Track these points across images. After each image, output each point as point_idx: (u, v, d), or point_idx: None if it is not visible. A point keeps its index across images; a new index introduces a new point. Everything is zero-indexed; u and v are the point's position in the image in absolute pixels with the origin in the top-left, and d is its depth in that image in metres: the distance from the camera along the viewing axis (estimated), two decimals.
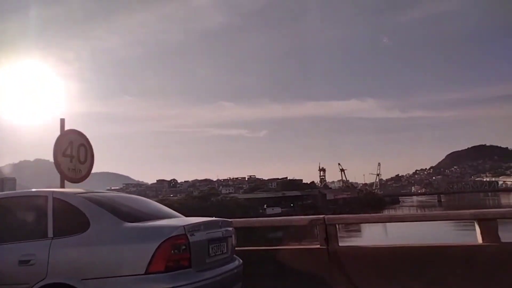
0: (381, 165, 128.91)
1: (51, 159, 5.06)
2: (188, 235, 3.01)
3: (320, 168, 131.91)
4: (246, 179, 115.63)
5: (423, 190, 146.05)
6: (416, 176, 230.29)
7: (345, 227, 21.01)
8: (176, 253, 2.91)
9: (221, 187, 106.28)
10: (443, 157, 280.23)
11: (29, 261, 3.02)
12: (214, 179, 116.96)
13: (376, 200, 76.92)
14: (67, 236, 3.08)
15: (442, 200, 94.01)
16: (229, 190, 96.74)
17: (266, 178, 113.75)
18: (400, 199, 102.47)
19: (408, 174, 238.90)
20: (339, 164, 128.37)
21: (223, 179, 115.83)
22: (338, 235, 4.45)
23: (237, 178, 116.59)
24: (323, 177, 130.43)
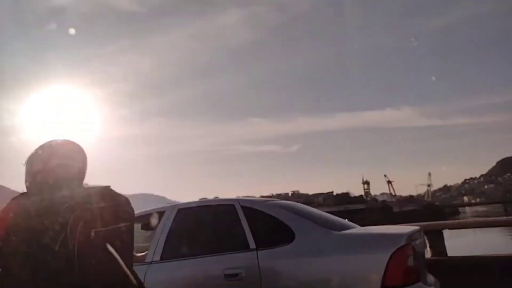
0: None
1: (90, 182, 5.14)
2: (413, 244, 2.74)
3: (364, 181, 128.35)
4: (290, 194, 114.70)
5: (478, 200, 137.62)
6: (466, 185, 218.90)
7: None
8: (409, 264, 2.64)
9: None
10: (494, 164, 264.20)
11: (236, 274, 2.85)
12: (257, 195, 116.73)
13: (437, 211, 73.40)
14: (272, 248, 2.91)
15: (509, 209, 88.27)
16: None
17: (311, 193, 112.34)
18: (459, 210, 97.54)
19: (457, 184, 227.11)
20: (385, 175, 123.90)
21: (266, 195, 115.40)
22: None
23: (280, 194, 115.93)
24: (368, 190, 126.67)
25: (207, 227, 3.40)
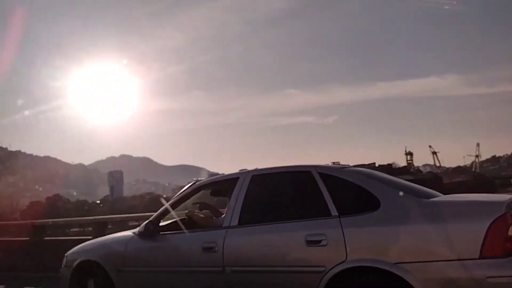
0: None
1: (134, 154, 5.19)
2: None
3: (407, 151, 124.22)
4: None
5: None
6: None
7: None
8: (510, 234, 2.49)
9: None
10: None
11: (319, 241, 2.82)
12: None
13: (487, 182, 70.17)
14: (356, 215, 2.84)
15: None
16: None
17: (351, 165, 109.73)
18: None
19: (506, 154, 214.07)
20: (430, 146, 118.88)
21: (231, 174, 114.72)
22: None
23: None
24: (411, 161, 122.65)
25: (284, 193, 3.39)
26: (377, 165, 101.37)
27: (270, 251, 3.04)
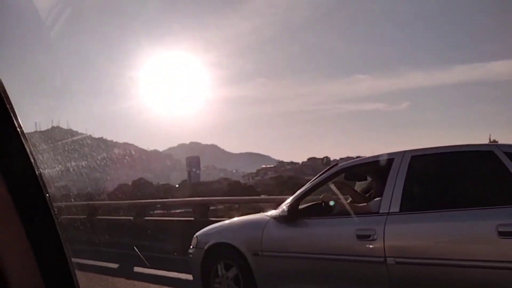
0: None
1: (203, 141, 4.80)
2: None
3: (491, 140, 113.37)
4: None
5: None
6: None
7: None
8: None
9: None
10: None
11: None
12: (366, 155, 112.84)
13: None
14: None
15: None
16: None
17: None
18: None
19: None
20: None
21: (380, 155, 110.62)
22: None
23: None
24: None
25: (458, 177, 3.00)
26: None
27: (448, 242, 2.70)
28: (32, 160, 0.70)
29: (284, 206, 3.57)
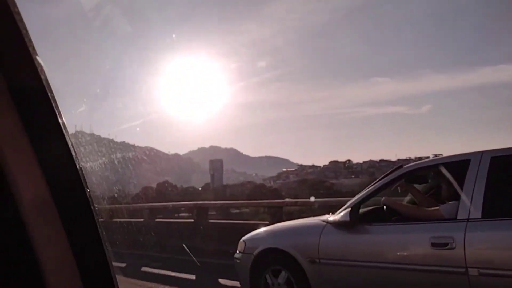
0: None
1: (222, 145, 4.60)
2: None
3: None
4: (431, 158, 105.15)
5: None
6: None
7: None
8: None
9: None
10: None
11: None
12: (393, 159, 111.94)
13: None
14: None
15: None
16: None
17: None
18: None
19: None
20: None
21: (403, 159, 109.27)
22: None
23: (421, 157, 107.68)
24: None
25: None
26: None
27: None
28: (74, 154, 0.66)
29: (342, 211, 3.36)
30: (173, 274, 6.30)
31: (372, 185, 3.44)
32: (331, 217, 3.49)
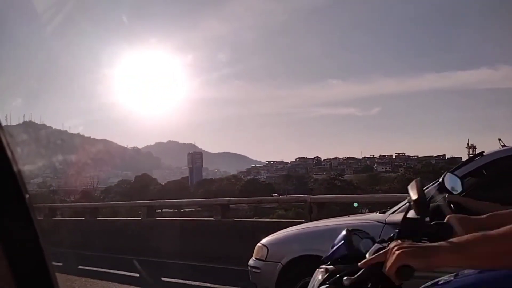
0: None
1: (181, 140, 4.24)
2: None
3: (469, 145, 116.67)
4: (394, 157, 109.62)
5: None
6: None
7: None
8: None
9: (376, 165, 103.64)
10: None
11: None
12: (359, 157, 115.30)
13: None
14: None
15: None
16: (386, 168, 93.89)
17: (421, 155, 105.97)
18: None
19: None
20: (499, 139, 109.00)
21: (368, 157, 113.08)
22: None
23: (385, 155, 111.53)
24: (472, 155, 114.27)
25: None
26: (447, 157, 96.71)
27: None
28: (10, 155, 0.59)
29: (399, 209, 2.81)
30: (112, 271, 6.29)
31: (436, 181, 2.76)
32: (389, 216, 2.87)
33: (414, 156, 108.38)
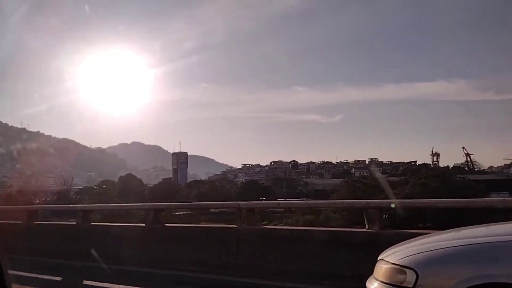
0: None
1: (145, 142, 3.10)
2: None
3: (434, 152, 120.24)
4: (367, 162, 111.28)
5: None
6: None
7: None
8: None
9: (353, 169, 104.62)
10: None
11: None
12: (334, 162, 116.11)
13: None
14: None
15: None
16: (363, 173, 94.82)
17: (395, 161, 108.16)
18: None
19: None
20: (463, 148, 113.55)
21: (344, 162, 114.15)
22: None
23: (359, 160, 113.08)
24: (437, 162, 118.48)
25: None
26: (417, 164, 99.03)
27: None
28: None
29: None
30: (40, 276, 6.03)
31: None
32: None
33: (388, 161, 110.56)
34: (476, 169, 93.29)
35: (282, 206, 11.88)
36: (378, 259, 2.80)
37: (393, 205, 5.73)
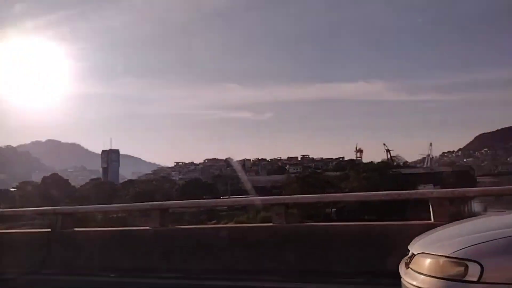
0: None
1: (62, 139, 3.37)
2: None
3: (357, 149, 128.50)
4: (299, 159, 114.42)
5: None
6: (445, 158, 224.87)
7: None
8: None
9: (288, 166, 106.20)
10: (472, 139, 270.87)
11: None
12: (268, 158, 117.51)
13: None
14: None
15: None
16: (297, 169, 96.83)
17: (325, 157, 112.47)
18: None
19: (436, 156, 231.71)
20: (384, 144, 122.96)
21: (277, 158, 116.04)
22: None
23: (292, 157, 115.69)
24: (360, 158, 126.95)
25: None
26: (345, 159, 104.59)
27: None
28: None
29: None
30: None
31: None
32: None
33: (318, 158, 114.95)
34: (395, 163, 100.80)
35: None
36: (415, 253, 2.60)
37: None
